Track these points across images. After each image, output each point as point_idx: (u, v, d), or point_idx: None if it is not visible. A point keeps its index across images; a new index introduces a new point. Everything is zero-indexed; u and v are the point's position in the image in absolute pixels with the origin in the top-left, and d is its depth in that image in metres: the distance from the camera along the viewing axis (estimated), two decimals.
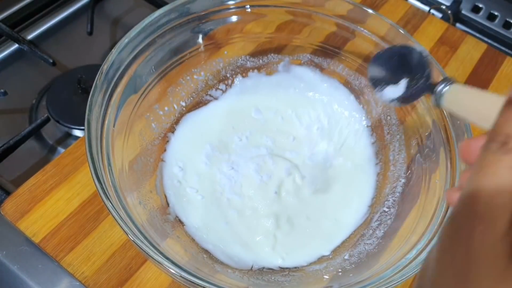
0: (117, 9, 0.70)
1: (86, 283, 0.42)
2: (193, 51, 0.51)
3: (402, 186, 0.47)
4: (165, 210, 0.45)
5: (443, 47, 0.64)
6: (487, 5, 0.74)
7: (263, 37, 0.54)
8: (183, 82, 0.51)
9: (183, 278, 0.33)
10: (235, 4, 0.50)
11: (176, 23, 0.47)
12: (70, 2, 0.68)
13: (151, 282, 0.43)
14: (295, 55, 0.55)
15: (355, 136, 0.53)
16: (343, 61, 0.53)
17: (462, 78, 0.61)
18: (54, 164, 0.48)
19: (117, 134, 0.42)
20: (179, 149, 0.49)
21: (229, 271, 0.42)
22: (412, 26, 0.65)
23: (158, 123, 0.49)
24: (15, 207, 0.45)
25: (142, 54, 0.45)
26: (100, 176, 0.36)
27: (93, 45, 0.65)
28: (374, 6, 0.66)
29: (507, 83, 0.62)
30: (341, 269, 0.42)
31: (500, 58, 0.64)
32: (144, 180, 0.45)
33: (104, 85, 0.40)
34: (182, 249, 0.42)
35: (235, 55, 0.54)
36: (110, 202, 0.35)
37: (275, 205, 0.47)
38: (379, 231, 0.44)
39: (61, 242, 0.44)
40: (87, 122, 0.38)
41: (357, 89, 0.54)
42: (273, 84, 0.55)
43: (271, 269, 0.44)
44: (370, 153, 0.52)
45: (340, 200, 0.48)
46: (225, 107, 0.53)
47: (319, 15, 0.51)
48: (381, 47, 0.50)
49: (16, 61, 0.62)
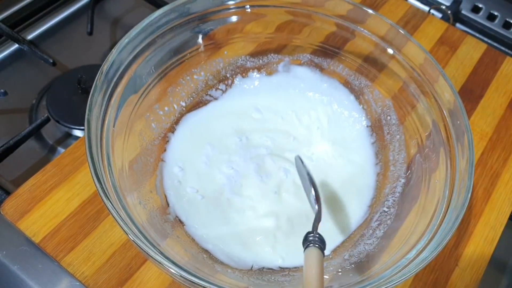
0: (117, 9, 0.70)
1: (86, 283, 0.42)
2: (193, 51, 0.51)
3: (402, 186, 0.47)
4: (165, 210, 0.45)
5: (443, 47, 0.64)
6: (487, 5, 0.74)
7: (263, 37, 0.54)
8: (183, 82, 0.51)
9: (183, 278, 0.33)
10: (235, 4, 0.50)
11: (176, 23, 0.47)
12: (70, 2, 0.68)
13: (151, 282, 0.43)
14: (295, 55, 0.55)
15: (355, 136, 0.53)
16: (343, 61, 0.54)
17: (462, 78, 0.61)
18: (54, 164, 0.48)
19: (117, 134, 0.42)
20: (179, 149, 0.49)
21: (229, 271, 0.42)
22: (412, 26, 0.65)
23: (158, 123, 0.49)
24: (15, 207, 0.45)
25: (142, 54, 0.45)
26: (100, 176, 0.36)
27: (93, 45, 0.65)
28: (374, 6, 0.66)
29: (507, 83, 0.62)
30: (341, 269, 0.42)
31: (500, 58, 0.64)
32: (144, 180, 0.45)
33: (104, 85, 0.40)
34: (182, 249, 0.42)
35: (235, 55, 0.54)
36: (110, 202, 0.35)
37: (275, 205, 0.47)
38: (379, 231, 0.44)
39: (61, 242, 0.44)
40: (87, 122, 0.38)
41: (357, 89, 0.54)
42: (273, 84, 0.55)
43: (271, 269, 0.44)
44: (370, 153, 0.52)
45: (340, 200, 0.48)
46: (225, 107, 0.53)
47: (319, 15, 0.51)
48: (381, 47, 0.50)
49: (16, 61, 0.62)
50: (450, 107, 0.44)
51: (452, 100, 0.44)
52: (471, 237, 0.49)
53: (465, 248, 0.48)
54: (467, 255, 0.48)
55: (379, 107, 0.53)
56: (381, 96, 0.52)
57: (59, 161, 0.48)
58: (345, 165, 0.51)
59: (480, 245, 0.49)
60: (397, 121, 0.51)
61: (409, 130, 0.49)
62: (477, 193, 0.52)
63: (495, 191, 0.53)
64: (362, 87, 0.54)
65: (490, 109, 0.59)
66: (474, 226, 0.50)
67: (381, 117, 0.52)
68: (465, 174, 0.40)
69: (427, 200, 0.42)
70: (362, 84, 0.53)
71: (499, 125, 0.58)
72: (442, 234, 0.37)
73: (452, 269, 0.47)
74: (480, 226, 0.50)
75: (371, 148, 0.52)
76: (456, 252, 0.48)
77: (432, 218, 0.39)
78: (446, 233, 0.36)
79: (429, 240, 0.37)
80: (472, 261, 0.48)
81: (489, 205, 0.51)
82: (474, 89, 0.61)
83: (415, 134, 0.48)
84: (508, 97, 0.60)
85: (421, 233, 0.39)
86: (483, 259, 0.48)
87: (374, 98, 0.53)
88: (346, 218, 0.47)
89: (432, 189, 0.43)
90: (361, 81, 0.53)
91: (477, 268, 0.47)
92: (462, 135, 0.42)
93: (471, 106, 0.59)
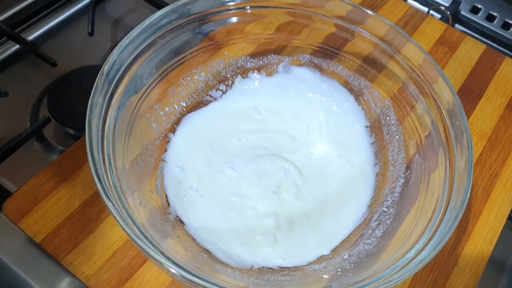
0: (118, 10, 0.70)
1: (87, 283, 0.42)
2: (194, 51, 0.51)
3: (401, 186, 0.47)
4: (165, 210, 0.45)
5: (442, 48, 0.64)
6: (486, 6, 0.74)
7: (263, 38, 0.54)
8: (183, 82, 0.52)
9: (184, 278, 0.33)
10: (235, 5, 0.50)
11: (176, 24, 0.47)
12: (71, 3, 0.68)
13: (151, 282, 0.43)
14: (295, 56, 0.55)
15: (355, 137, 0.53)
16: (342, 62, 0.54)
17: (461, 79, 0.61)
18: (55, 164, 0.48)
19: (118, 134, 0.42)
20: (180, 149, 0.50)
21: (229, 270, 0.42)
22: (411, 26, 0.65)
23: (158, 124, 0.49)
24: (16, 207, 0.45)
25: (142, 55, 0.45)
26: (101, 176, 0.36)
27: (94, 46, 0.65)
28: (373, 7, 0.66)
29: (505, 83, 0.62)
30: (341, 269, 0.42)
31: (499, 59, 0.64)
32: (144, 180, 0.45)
33: (105, 86, 0.40)
34: (183, 248, 0.42)
35: (235, 55, 0.54)
36: (111, 202, 0.35)
37: (274, 205, 0.47)
38: (378, 231, 0.45)
39: (62, 242, 0.44)
40: (88, 122, 0.38)
41: (357, 90, 0.54)
42: (273, 85, 0.55)
43: (271, 268, 0.44)
44: (369, 154, 0.52)
45: (339, 200, 0.49)
46: (225, 107, 0.53)
47: (318, 16, 0.51)
48: (381, 48, 0.50)
49: (17, 62, 0.63)
50: (449, 107, 0.45)
51: (451, 101, 0.44)
52: (470, 236, 0.49)
53: (464, 248, 0.49)
54: (466, 254, 0.48)
55: (378, 107, 0.53)
56: (381, 96, 0.52)
57: (60, 161, 0.48)
58: (345, 165, 0.51)
59: (479, 245, 0.49)
60: (397, 121, 0.51)
61: (408, 130, 0.49)
62: (476, 193, 0.52)
63: (494, 191, 0.53)
64: (361, 88, 0.54)
65: (489, 109, 0.59)
66: (473, 226, 0.50)
67: (381, 117, 0.52)
68: (464, 174, 0.40)
69: (426, 200, 0.42)
70: (362, 85, 0.54)
71: (498, 125, 0.58)
72: (441, 234, 0.37)
73: (451, 269, 0.47)
74: (479, 226, 0.50)
75: (371, 148, 0.52)
76: (455, 252, 0.48)
77: (431, 218, 0.39)
78: (445, 233, 0.37)
79: (428, 240, 0.37)
80: (471, 260, 0.48)
81: (488, 205, 0.52)
82: (473, 89, 0.61)
83: (414, 134, 0.48)
84: (507, 97, 0.61)
85: (420, 233, 0.39)
86: (482, 258, 0.48)
87: (374, 98, 0.53)
88: (346, 218, 0.47)
89: (431, 189, 0.43)
90: (361, 82, 0.54)
91: (476, 268, 0.48)
92: (461, 135, 0.42)
93: (470, 107, 0.59)
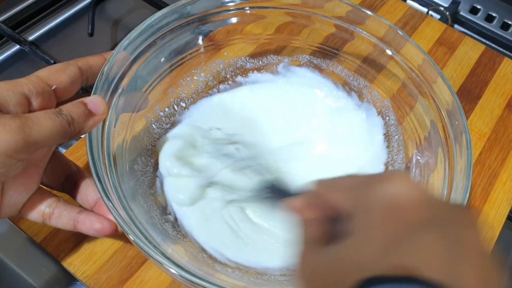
0: (118, 10, 0.70)
1: (87, 283, 0.42)
2: (193, 52, 0.51)
3: None
4: (165, 210, 0.45)
5: (441, 48, 0.64)
6: (485, 6, 0.74)
7: (262, 38, 0.54)
8: (183, 83, 0.52)
9: (183, 278, 0.33)
10: (234, 6, 0.50)
11: (176, 24, 0.47)
12: (71, 3, 0.68)
13: (151, 281, 0.43)
14: (295, 56, 0.55)
15: (354, 137, 0.53)
16: (342, 62, 0.54)
17: (460, 79, 0.62)
18: None
19: (118, 134, 0.42)
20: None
21: (229, 270, 0.42)
22: (411, 27, 0.65)
23: (158, 124, 0.49)
24: None
25: (142, 55, 0.45)
26: (100, 176, 0.36)
27: (94, 46, 0.65)
28: (372, 8, 0.66)
29: (504, 83, 0.62)
30: None
31: (498, 59, 0.64)
32: (144, 180, 0.45)
33: (104, 86, 0.40)
34: (182, 248, 0.42)
35: (235, 56, 0.54)
36: (110, 202, 0.35)
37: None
38: None
39: (62, 242, 0.44)
40: None
41: (356, 90, 0.54)
42: (272, 85, 0.55)
43: (271, 268, 0.44)
44: (369, 154, 0.52)
45: None
46: (225, 108, 0.53)
47: (318, 16, 0.51)
48: (380, 48, 0.50)
49: (18, 62, 0.63)
50: (448, 107, 0.45)
51: (451, 101, 0.45)
52: None
53: None
54: None
55: (378, 107, 0.53)
56: (380, 96, 0.53)
57: None
58: (344, 166, 0.51)
59: None
60: (396, 121, 0.51)
61: (407, 130, 0.49)
62: (475, 193, 0.53)
63: (493, 191, 0.53)
64: (361, 88, 0.54)
65: (488, 109, 0.59)
66: None
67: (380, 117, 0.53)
68: (463, 174, 0.40)
69: None
70: (361, 85, 0.54)
71: (497, 126, 0.58)
72: None
73: None
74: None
75: (371, 149, 0.52)
76: None
77: None
78: None
79: None
80: None
81: (487, 205, 0.52)
82: (472, 89, 0.61)
83: (414, 135, 0.48)
84: (506, 97, 0.61)
85: None
86: None
87: (373, 98, 0.53)
88: None
89: (431, 189, 0.43)
90: (360, 82, 0.54)
91: None
92: (460, 135, 0.42)
93: (469, 107, 0.59)
